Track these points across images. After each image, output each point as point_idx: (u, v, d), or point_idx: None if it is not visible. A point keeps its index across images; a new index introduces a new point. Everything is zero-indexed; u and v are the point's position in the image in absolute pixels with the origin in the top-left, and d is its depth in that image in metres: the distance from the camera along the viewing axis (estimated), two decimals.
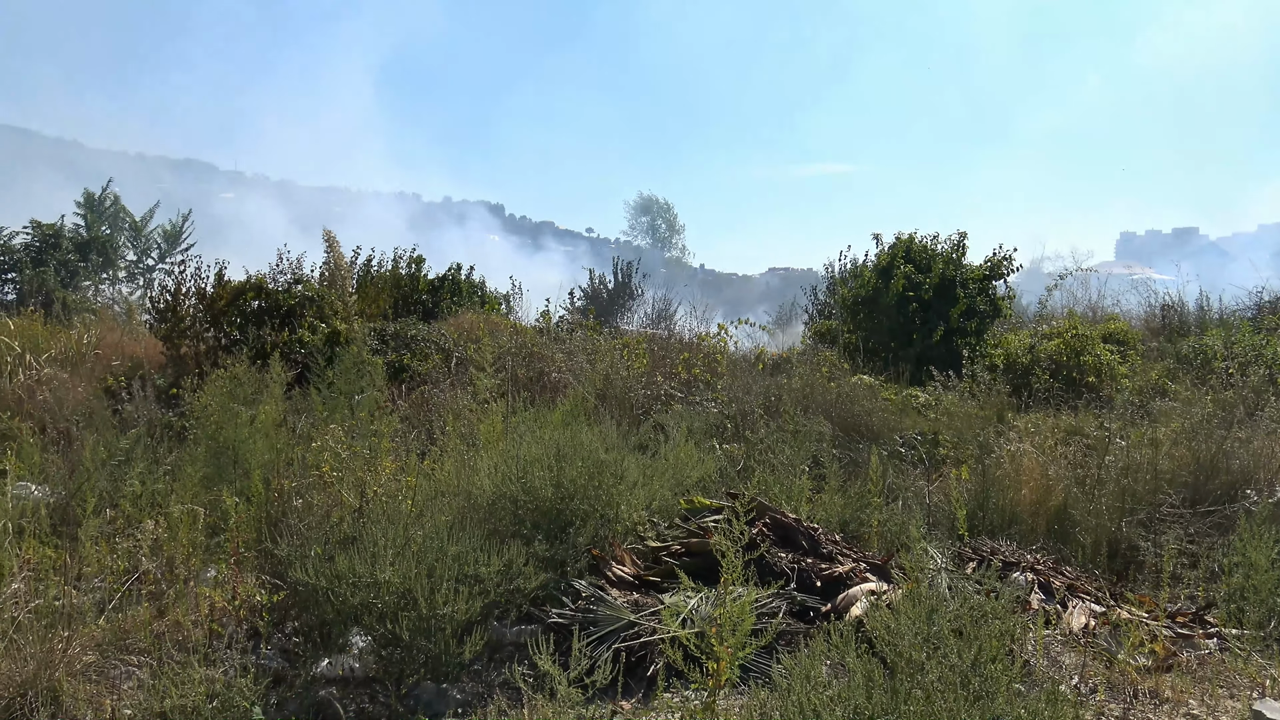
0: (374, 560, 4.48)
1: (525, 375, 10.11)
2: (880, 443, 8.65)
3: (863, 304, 15.98)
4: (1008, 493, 6.96)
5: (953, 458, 8.44)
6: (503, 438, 6.75)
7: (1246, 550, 5.28)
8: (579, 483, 5.56)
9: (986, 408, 9.93)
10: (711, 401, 9.69)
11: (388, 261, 16.52)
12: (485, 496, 5.58)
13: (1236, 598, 5.28)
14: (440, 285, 16.37)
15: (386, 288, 15.25)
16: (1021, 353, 13.59)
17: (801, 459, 7.25)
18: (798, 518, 5.83)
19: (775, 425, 8.35)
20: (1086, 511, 6.70)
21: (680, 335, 14.38)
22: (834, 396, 9.79)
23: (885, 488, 7.22)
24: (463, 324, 12.84)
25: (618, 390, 9.56)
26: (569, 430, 6.34)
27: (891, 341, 15.17)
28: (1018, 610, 4.35)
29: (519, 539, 5.16)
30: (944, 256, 15.90)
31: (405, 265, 16.57)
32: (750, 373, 11.11)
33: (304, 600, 4.62)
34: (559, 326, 13.84)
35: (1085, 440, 8.69)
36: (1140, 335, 15.58)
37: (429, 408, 8.79)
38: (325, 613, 4.50)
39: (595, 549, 5.37)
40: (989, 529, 6.76)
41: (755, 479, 6.89)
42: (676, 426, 7.94)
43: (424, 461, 6.52)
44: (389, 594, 4.38)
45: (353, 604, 4.40)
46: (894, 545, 6.14)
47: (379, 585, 4.40)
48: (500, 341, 10.70)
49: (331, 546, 4.75)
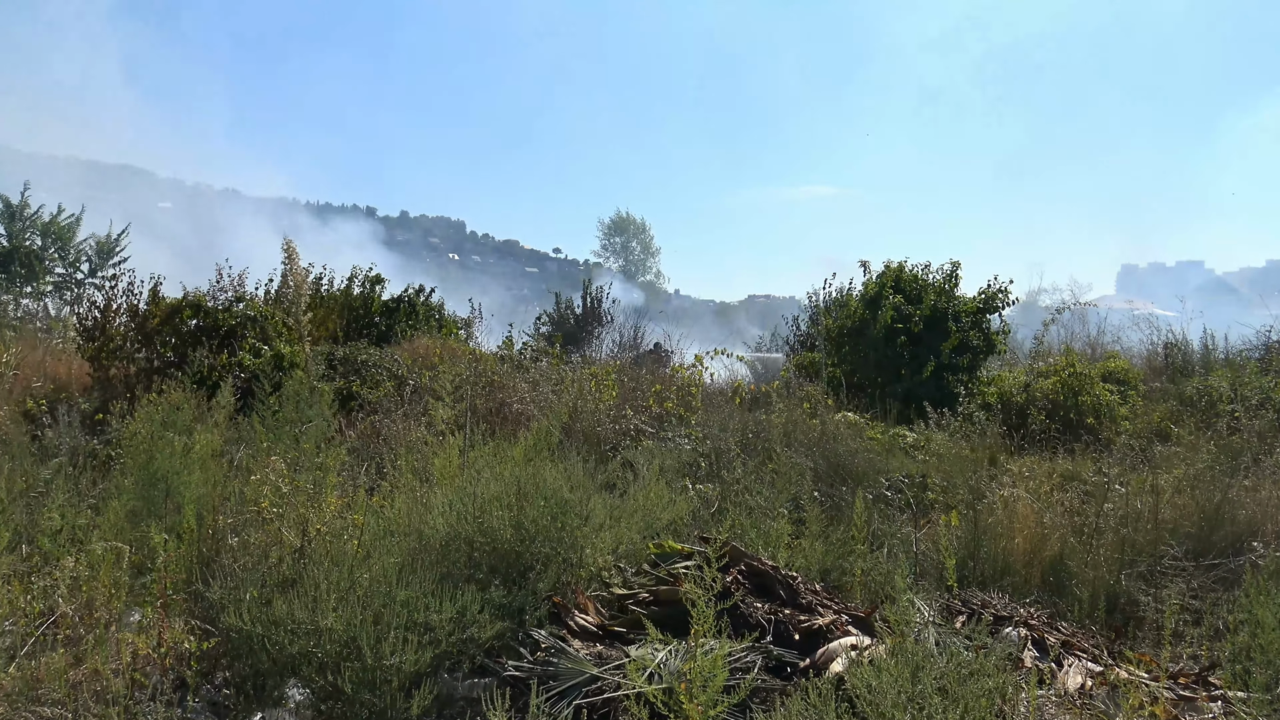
0: (315, 605, 4.43)
1: (485, 406, 10.07)
2: (865, 485, 8.67)
3: (848, 336, 16.08)
4: (1000, 541, 6.99)
5: (942, 503, 8.47)
6: (459, 473, 6.71)
7: (1253, 607, 5.31)
8: (541, 524, 5.53)
9: (978, 449, 10.00)
10: (685, 438, 9.69)
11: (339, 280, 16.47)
12: (438, 537, 5.53)
13: (1242, 658, 5.31)
14: (396, 307, 16.35)
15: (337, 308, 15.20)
16: (1016, 391, 13.71)
17: (780, 501, 7.25)
18: (775, 565, 5.82)
19: (753, 464, 8.35)
20: (1083, 563, 6.74)
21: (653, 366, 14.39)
22: (816, 435, 9.82)
23: (870, 534, 7.23)
24: (418, 349, 12.80)
25: (585, 424, 9.54)
26: (531, 466, 6.30)
27: (878, 376, 15.26)
28: (1009, 668, 4.36)
29: (474, 584, 5.11)
30: (936, 287, 16.04)
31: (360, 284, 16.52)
32: (727, 407, 11.13)
33: (237, 648, 4.55)
34: (522, 354, 13.82)
35: (1083, 486, 8.75)
36: (1141, 374, 15.75)
37: (379, 439, 8.73)
38: (260, 662, 4.44)
39: (557, 596, 5.33)
40: (980, 580, 6.78)
41: (730, 522, 6.88)
42: (647, 464, 7.92)
43: (373, 498, 6.46)
44: (331, 642, 4.33)
45: (291, 653, 4.34)
46: (878, 596, 6.13)
47: (320, 633, 4.34)
48: (459, 369, 10.66)
49: (269, 589, 4.69)
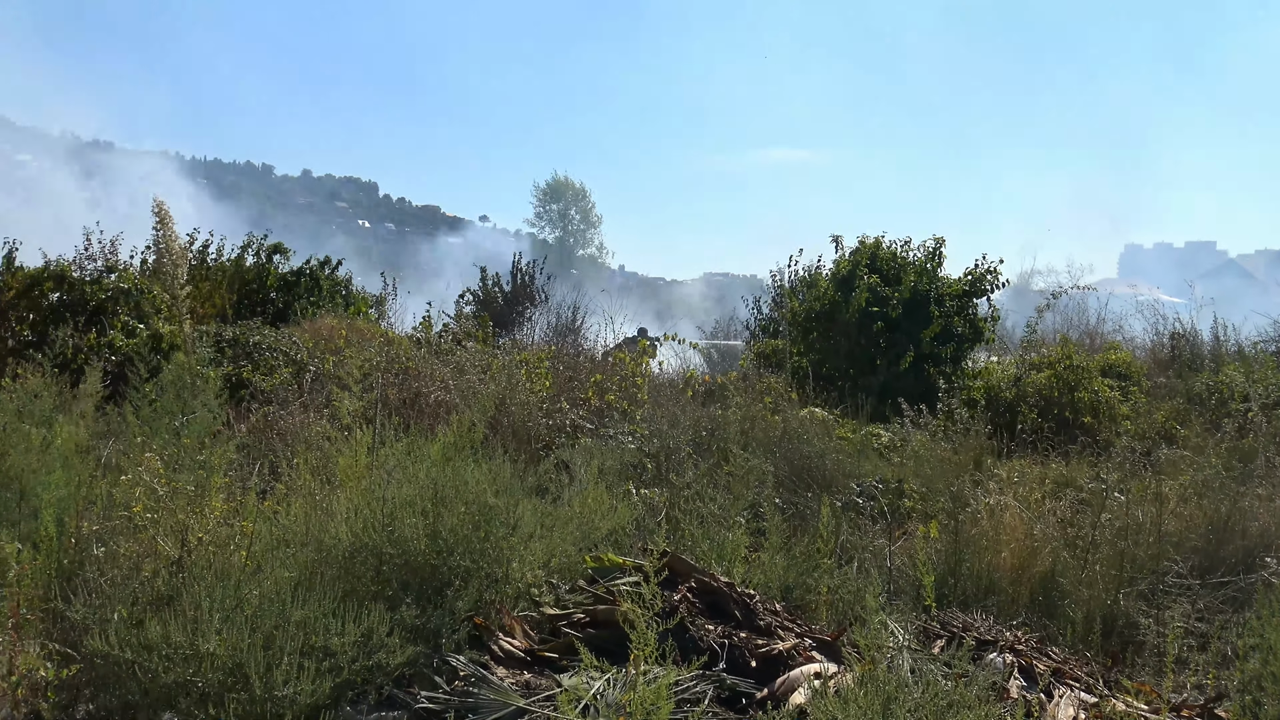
0: (195, 627, 4.37)
1: (399, 397, 9.99)
2: (833, 491, 8.73)
3: (817, 321, 16.19)
4: (985, 556, 7.07)
5: (920, 511, 8.55)
6: (367, 474, 6.65)
7: (1265, 631, 5.39)
8: (461, 533, 5.50)
9: (962, 451, 10.09)
10: (629, 435, 9.68)
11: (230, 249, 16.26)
12: (342, 548, 5.47)
13: (1253, 688, 5.39)
14: (295, 281, 16.19)
15: (226, 281, 15.01)
16: (1005, 385, 13.87)
17: (737, 509, 7.27)
18: (730, 581, 5.84)
19: (706, 466, 8.37)
20: (1078, 580, 6.83)
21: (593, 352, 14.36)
22: (779, 433, 9.87)
23: (838, 546, 7.27)
24: (321, 330, 12.68)
25: (514, 418, 9.50)
26: (451, 467, 6.26)
27: (850, 367, 15.39)
28: (993, 700, 4.40)
29: (383, 602, 5.07)
30: (917, 266, 16.20)
31: (254, 254, 16.32)
32: (677, 401, 11.14)
33: (103, 677, 4.48)
34: (442, 337, 13.74)
35: (1078, 494, 8.87)
36: (1145, 368, 16.00)
37: (274, 434, 8.63)
38: (130, 692, 4.37)
39: (479, 617, 5.31)
40: (961, 599, 6.85)
41: (680, 533, 6.89)
42: (585, 465, 7.91)
43: (265, 502, 6.39)
44: (213, 670, 4.27)
45: (166, 682, 4.28)
46: (846, 618, 6.18)
47: (201, 659, 4.29)
48: (368, 354, 10.56)
49: (141, 608, 4.62)
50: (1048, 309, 17.26)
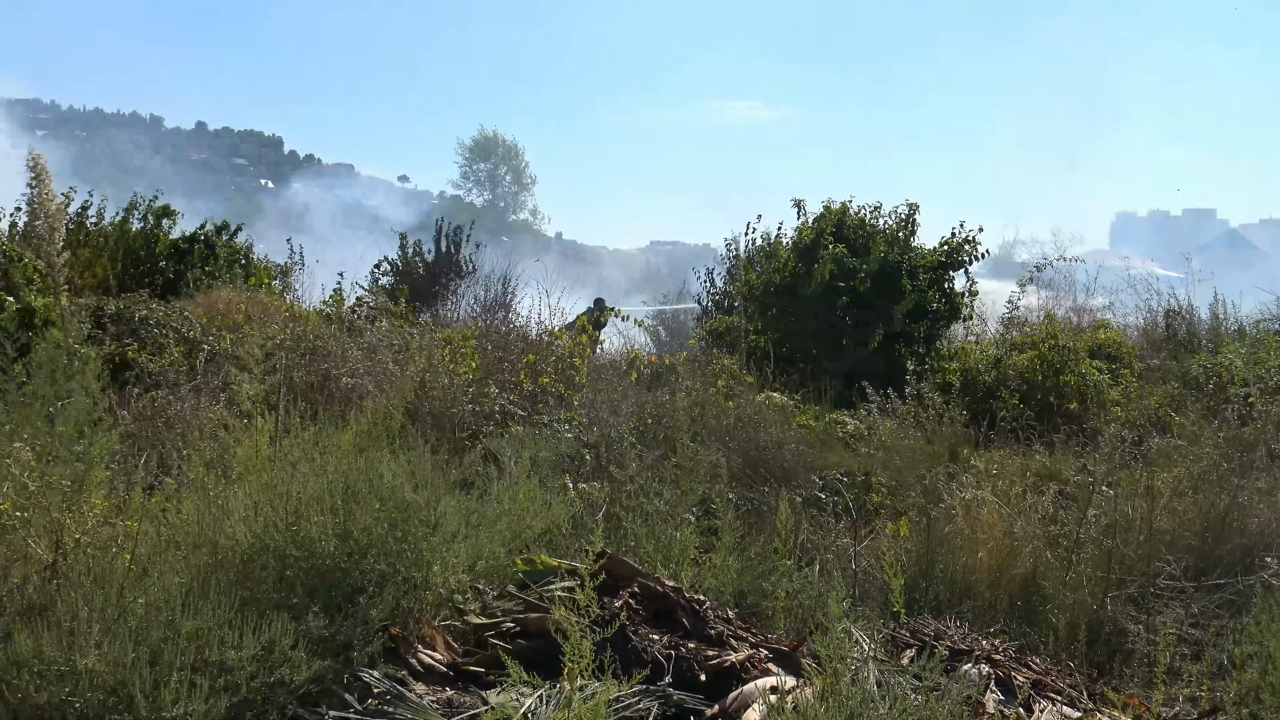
0: (72, 640, 4.33)
1: (306, 380, 9.93)
2: (793, 485, 8.77)
3: (776, 295, 16.23)
4: (960, 556, 7.13)
5: (889, 507, 8.62)
6: (269, 467, 6.61)
7: (1264, 638, 5.47)
8: (375, 533, 5.48)
9: (936, 441, 10.18)
10: (566, 423, 9.68)
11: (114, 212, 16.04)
12: (240, 550, 5.44)
13: (1250, 700, 5.47)
14: (189, 249, 16.01)
15: (109, 248, 14.81)
16: (984, 368, 14.00)
17: (686, 505, 7.30)
18: (678, 586, 5.86)
19: (652, 458, 8.39)
20: (1061, 583, 6.91)
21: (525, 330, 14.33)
22: (733, 421, 9.90)
23: (798, 546, 7.31)
24: (217, 304, 12.57)
25: (436, 403, 9.47)
26: (364, 458, 6.24)
27: (813, 347, 15.45)
28: (968, 715, 4.46)
29: (286, 611, 5.05)
30: (887, 235, 16.28)
31: (141, 217, 16.11)
32: (620, 385, 11.15)
33: None
34: (355, 313, 13.66)
35: (1063, 488, 8.96)
36: (1137, 349, 16.18)
37: (164, 422, 8.55)
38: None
39: (395, 627, 5.30)
40: (934, 604, 6.91)
41: (622, 532, 6.90)
42: (516, 456, 7.90)
43: (152, 499, 6.33)
44: (93, 688, 4.24)
45: (39, 702, 4.25)
46: (807, 626, 6.22)
47: (79, 675, 4.25)
48: (271, 331, 10.48)
49: (9, 619, 4.57)
50: (1031, 283, 17.39)
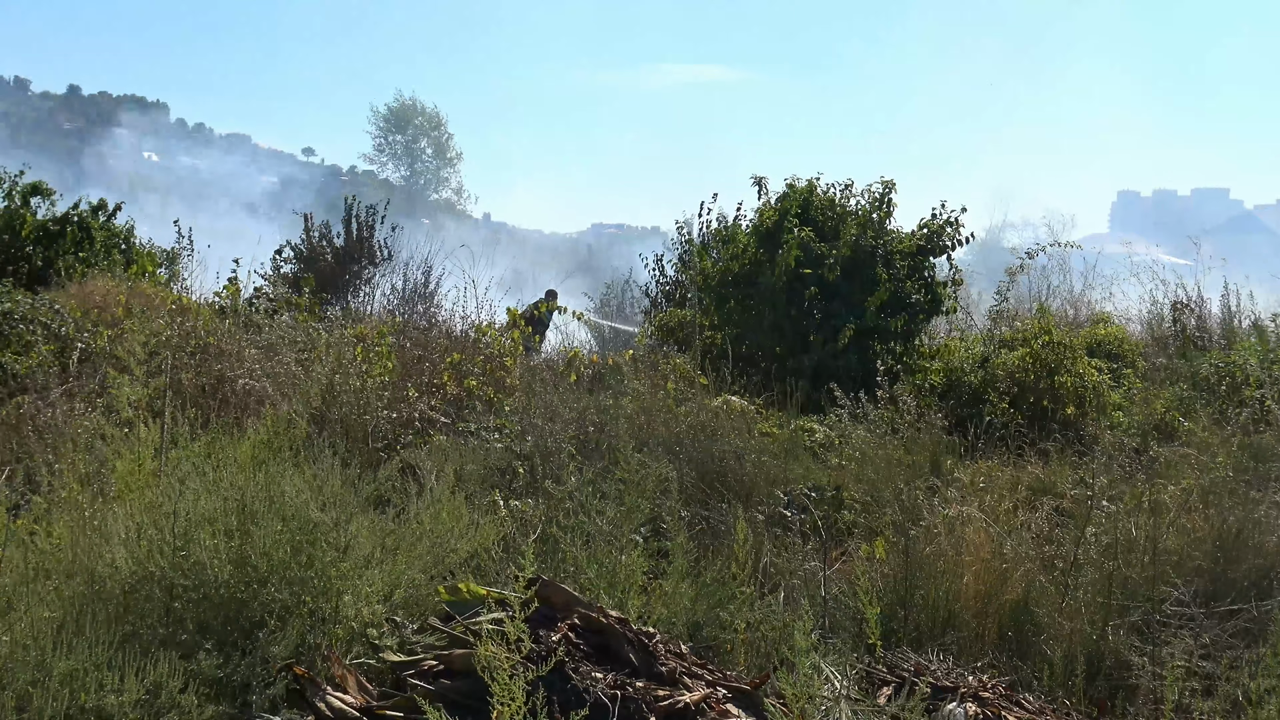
0: None
1: (196, 383, 9.87)
2: (755, 501, 8.79)
3: (734, 285, 16.26)
4: (943, 581, 7.15)
5: (863, 526, 8.65)
6: (153, 483, 6.56)
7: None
8: (276, 558, 5.46)
9: (915, 450, 10.21)
10: (495, 431, 9.67)
11: None
12: (121, 579, 5.40)
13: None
14: (59, 231, 15.86)
15: None
16: (969, 368, 14.07)
17: (632, 525, 7.29)
18: (623, 617, 5.86)
19: (593, 471, 8.38)
20: (1056, 610, 6.94)
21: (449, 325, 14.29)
22: (685, 428, 9.90)
23: (760, 571, 7.33)
24: (94, 295, 12.46)
25: (346, 409, 9.43)
26: (264, 473, 6.21)
27: (776, 344, 15.48)
28: None
29: (174, 648, 5.02)
30: (860, 217, 16.33)
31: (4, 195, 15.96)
32: (557, 388, 11.13)
33: None
34: (253, 306, 13.57)
35: (1058, 503, 9.01)
36: (1141, 346, 16.34)
37: (31, 431, 8.47)
38: None
39: (300, 665, 5.27)
40: (914, 636, 6.94)
41: (560, 555, 6.89)
42: (438, 470, 7.88)
43: (18, 521, 6.27)
44: None
45: None
46: (770, 661, 6.23)
47: None
48: (156, 327, 10.40)
49: None
50: (1022, 271, 17.45)
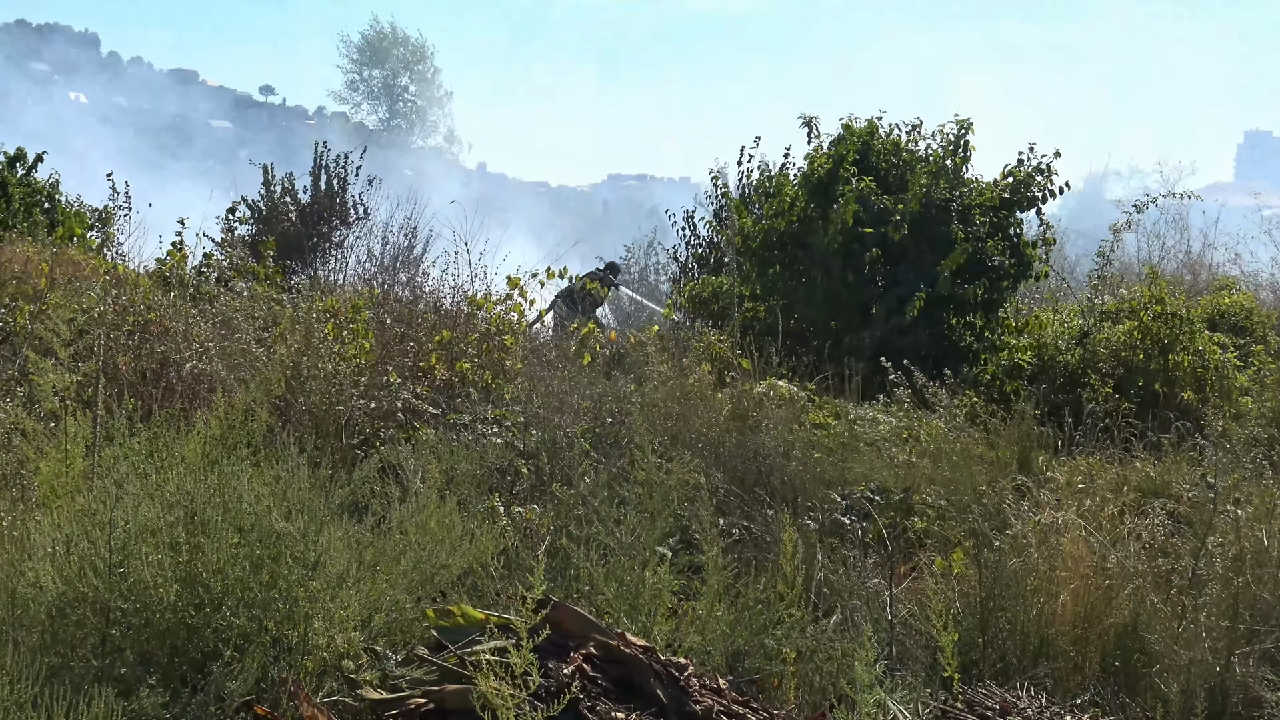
0: None
1: (136, 367, 9.88)
2: (805, 507, 8.78)
3: (780, 247, 16.21)
4: (1034, 601, 7.14)
5: (937, 535, 8.62)
6: (85, 487, 6.58)
7: None
8: (233, 576, 5.47)
9: (1000, 444, 10.18)
10: (494, 424, 9.67)
11: None
12: (47, 601, 5.43)
13: None
14: None
15: None
16: (1065, 345, 13.99)
17: (659, 535, 7.30)
18: (649, 646, 5.86)
19: (612, 470, 8.38)
20: (1172, 636, 6.92)
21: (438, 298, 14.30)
22: (723, 420, 9.89)
23: (813, 590, 7.32)
24: (11, 264, 12.49)
25: (315, 398, 9.44)
26: (217, 474, 6.22)
27: (831, 318, 15.44)
28: None
29: (112, 684, 5.04)
30: (931, 164, 16.26)
31: None
32: (567, 371, 11.13)
33: None
34: (203, 275, 13.58)
35: (1174, 506, 8.96)
36: (1274, 318, 16.22)
37: None
38: None
39: (261, 704, 5.29)
40: (999, 667, 6.93)
41: (573, 572, 6.90)
42: (425, 470, 7.89)
43: None
44: None
45: None
46: (826, 697, 6.23)
47: None
48: (86, 301, 10.42)
49: None
50: (1128, 228, 17.30)
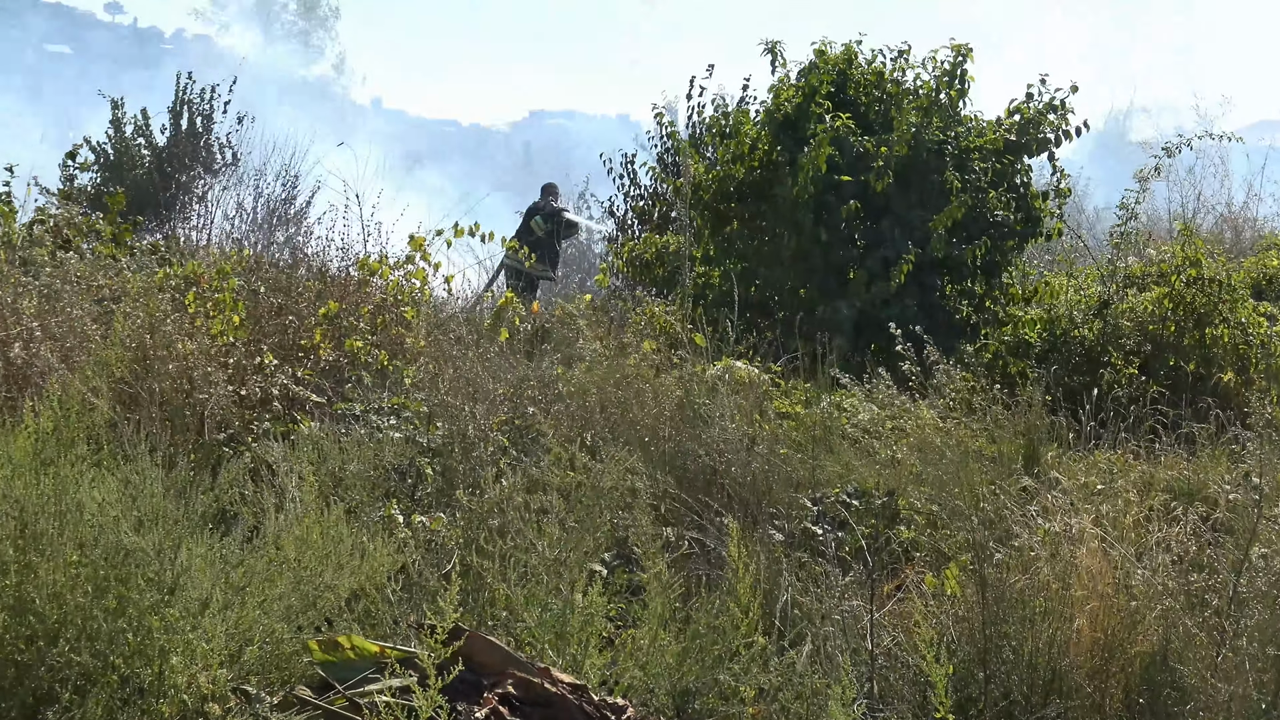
0: None
1: None
2: (769, 513, 8.78)
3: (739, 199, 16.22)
4: (1044, 626, 7.16)
5: (927, 547, 8.63)
6: None
7: None
8: (72, 603, 5.45)
9: (1003, 437, 10.21)
10: (391, 414, 9.64)
11: None
12: None
13: None
14: None
15: None
16: (1081, 317, 14.03)
17: (592, 551, 7.29)
18: (580, 683, 5.87)
19: (532, 470, 8.37)
20: (1209, 667, 6.95)
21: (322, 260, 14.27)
22: (670, 408, 9.89)
23: (779, 614, 7.33)
24: None
25: (169, 385, 9.39)
26: (50, 477, 6.18)
27: (801, 284, 15.46)
28: None
29: None
30: (921, 99, 16.27)
31: None
32: (479, 350, 11.11)
33: None
34: (32, 236, 13.50)
35: (1210, 512, 9.00)
36: None
37: None
38: None
39: None
40: (1001, 705, 6.96)
41: (488, 595, 6.89)
42: (301, 470, 7.86)
43: None
44: None
45: None
46: None
47: None
48: None
49: None
50: (1157, 176, 17.27)
